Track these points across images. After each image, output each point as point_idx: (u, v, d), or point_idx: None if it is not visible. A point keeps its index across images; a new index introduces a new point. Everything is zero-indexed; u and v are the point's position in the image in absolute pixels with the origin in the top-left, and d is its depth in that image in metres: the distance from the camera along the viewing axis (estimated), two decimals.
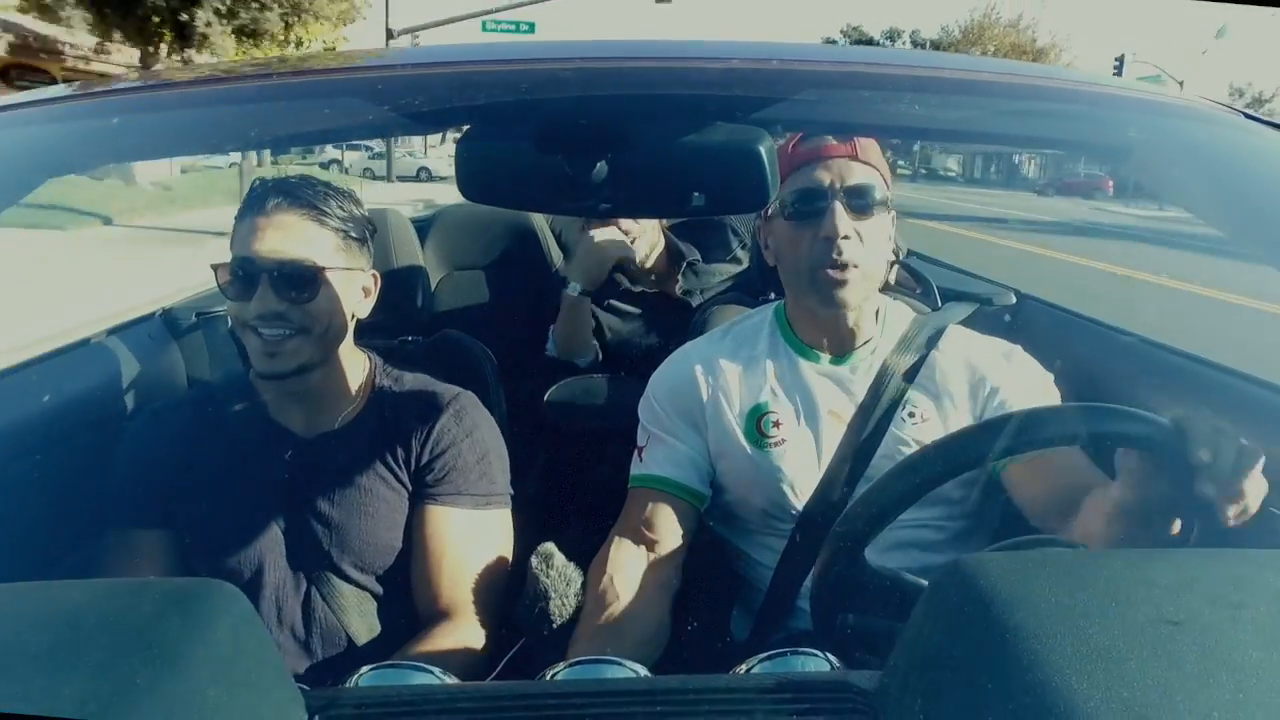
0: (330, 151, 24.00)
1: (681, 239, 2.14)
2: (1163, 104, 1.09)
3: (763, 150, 0.86)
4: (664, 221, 2.11)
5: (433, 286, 2.14)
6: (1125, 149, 1.12)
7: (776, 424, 1.20)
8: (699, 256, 2.11)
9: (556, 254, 2.42)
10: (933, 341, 1.22)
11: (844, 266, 1.15)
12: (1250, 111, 1.10)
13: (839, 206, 1.15)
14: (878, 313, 1.26)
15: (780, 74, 1.00)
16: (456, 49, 1.37)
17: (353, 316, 1.22)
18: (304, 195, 1.15)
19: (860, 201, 1.16)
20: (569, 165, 0.87)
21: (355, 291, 1.21)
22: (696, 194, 0.91)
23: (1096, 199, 28.94)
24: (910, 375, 1.18)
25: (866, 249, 1.16)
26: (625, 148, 0.89)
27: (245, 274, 1.13)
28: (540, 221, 2.41)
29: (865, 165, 1.17)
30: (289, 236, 1.13)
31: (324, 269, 1.15)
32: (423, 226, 2.31)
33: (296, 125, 1.17)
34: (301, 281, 1.14)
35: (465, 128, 0.94)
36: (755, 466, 1.19)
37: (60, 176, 1.13)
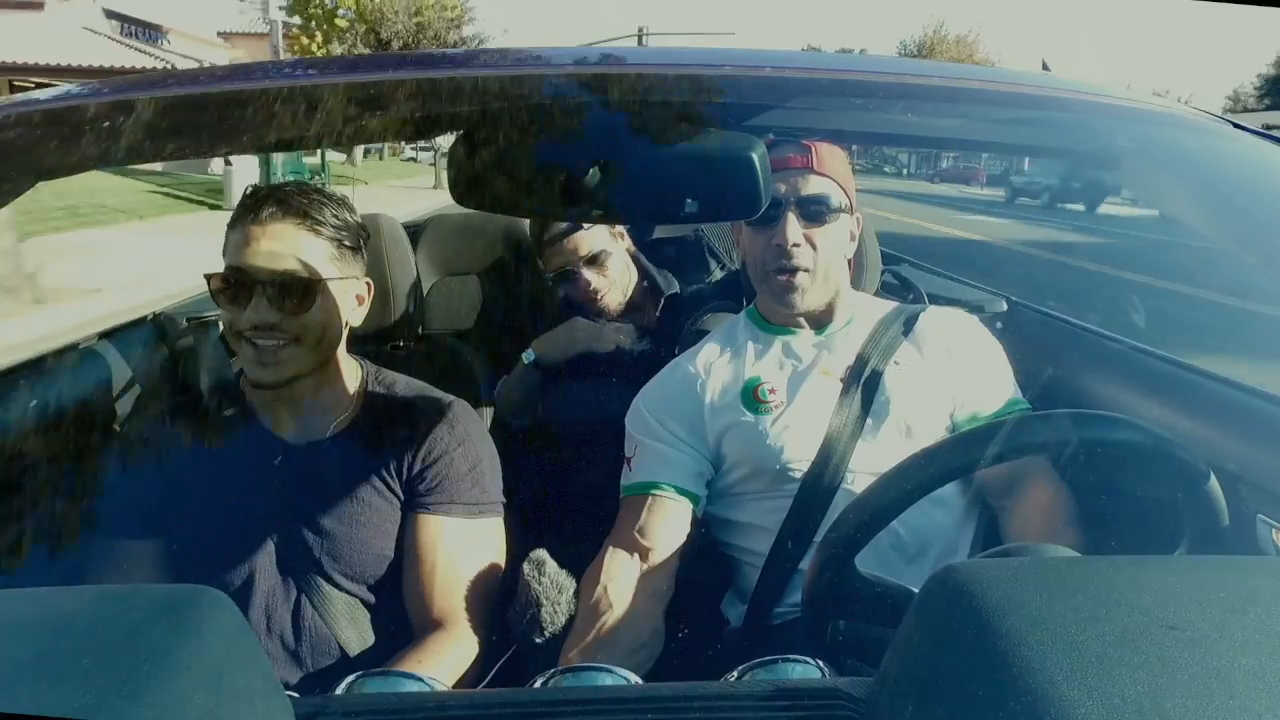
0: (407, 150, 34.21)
1: (657, 261, 2.07)
2: (1152, 113, 1.10)
3: (755, 157, 0.86)
4: (631, 247, 2.01)
5: (425, 292, 2.13)
6: (1115, 156, 1.13)
7: (772, 390, 1.26)
8: (678, 289, 2.03)
9: None
10: (911, 316, 1.31)
11: (793, 271, 1.25)
12: (1237, 120, 1.11)
13: (791, 216, 1.23)
14: (847, 302, 1.32)
15: (773, 81, 1.00)
16: (451, 54, 1.37)
17: (346, 325, 1.21)
18: (298, 204, 1.15)
19: (813, 210, 1.24)
20: (562, 172, 0.87)
21: (349, 300, 1.21)
22: (690, 201, 0.91)
23: (972, 185, 36.42)
24: (893, 339, 1.26)
25: (819, 253, 1.25)
26: (618, 154, 0.89)
27: (239, 283, 1.12)
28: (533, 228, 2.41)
29: (821, 176, 1.25)
30: (283, 246, 1.13)
31: (318, 279, 1.14)
32: (415, 232, 2.30)
33: (291, 130, 1.17)
34: (296, 292, 1.13)
35: (459, 133, 0.94)
36: (759, 432, 1.23)
37: (51, 179, 1.12)
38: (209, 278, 1.16)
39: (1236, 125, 1.08)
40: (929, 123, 1.06)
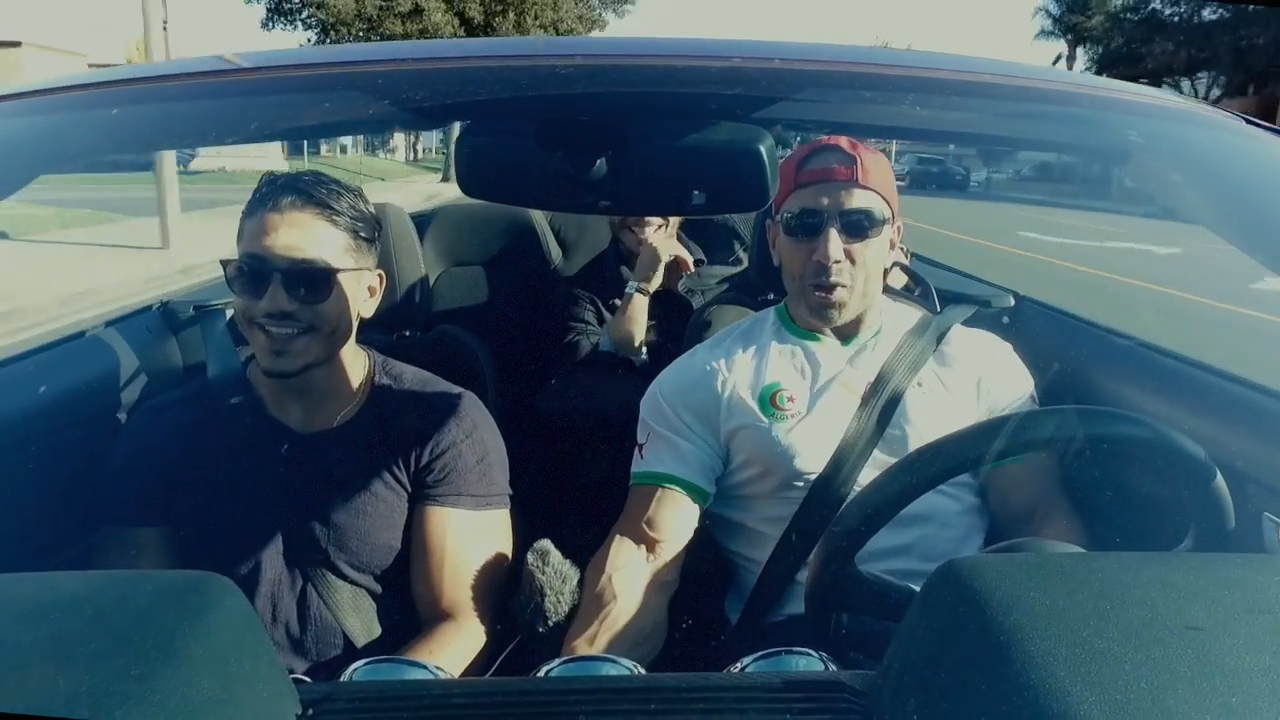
0: None
1: (688, 240, 2.21)
2: (1163, 108, 1.09)
3: (763, 149, 0.85)
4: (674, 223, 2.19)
5: (431, 282, 2.13)
6: (1125, 151, 1.12)
7: (790, 399, 1.24)
8: (704, 258, 2.19)
9: (555, 251, 2.42)
10: (940, 333, 1.28)
11: (833, 287, 1.22)
12: (1250, 117, 1.10)
13: (833, 232, 1.20)
14: (878, 311, 1.30)
15: (781, 73, 1.00)
16: (458, 44, 1.37)
17: (358, 316, 1.21)
18: (317, 194, 1.15)
19: (856, 226, 1.21)
20: (569, 162, 0.87)
21: (362, 291, 1.21)
22: (696, 192, 0.91)
23: None
24: (919, 355, 1.24)
25: (860, 268, 1.22)
26: (625, 145, 0.89)
27: (255, 271, 1.12)
28: (539, 219, 2.41)
29: (865, 190, 1.21)
30: (302, 235, 1.13)
31: (335, 269, 1.14)
32: (422, 222, 2.30)
33: (296, 119, 1.17)
34: (313, 281, 1.13)
35: (466, 123, 0.94)
36: (772, 438, 1.22)
37: (56, 171, 1.12)
38: (225, 264, 1.16)
39: (1250, 121, 1.07)
40: (939, 116, 1.05)
